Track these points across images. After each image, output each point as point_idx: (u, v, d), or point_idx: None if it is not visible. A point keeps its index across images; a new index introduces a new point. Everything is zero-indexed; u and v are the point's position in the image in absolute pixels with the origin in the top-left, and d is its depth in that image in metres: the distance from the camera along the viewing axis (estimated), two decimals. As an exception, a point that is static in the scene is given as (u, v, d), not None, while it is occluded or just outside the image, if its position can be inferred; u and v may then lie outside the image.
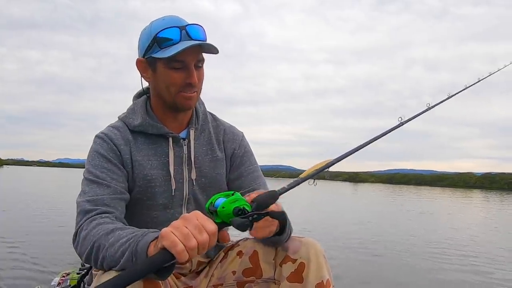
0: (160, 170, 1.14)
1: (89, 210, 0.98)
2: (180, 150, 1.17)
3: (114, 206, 1.02)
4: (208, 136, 1.23)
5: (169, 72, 1.06)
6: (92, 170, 1.06)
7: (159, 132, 1.15)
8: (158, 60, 1.06)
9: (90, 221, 0.95)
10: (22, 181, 21.79)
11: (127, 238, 0.86)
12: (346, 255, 4.62)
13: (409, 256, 4.77)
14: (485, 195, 28.50)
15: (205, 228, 0.75)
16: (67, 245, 4.26)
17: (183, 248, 0.72)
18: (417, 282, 3.58)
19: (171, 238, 0.72)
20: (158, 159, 1.15)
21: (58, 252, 3.92)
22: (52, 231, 5.35)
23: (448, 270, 4.07)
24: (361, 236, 6.16)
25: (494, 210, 14.24)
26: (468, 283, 3.62)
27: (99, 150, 1.09)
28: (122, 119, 1.18)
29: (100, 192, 1.02)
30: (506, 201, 21.39)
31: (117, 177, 1.07)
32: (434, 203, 17.30)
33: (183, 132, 1.20)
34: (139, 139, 1.15)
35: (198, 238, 0.73)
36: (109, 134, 1.12)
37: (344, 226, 7.33)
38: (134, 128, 1.15)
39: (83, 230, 0.95)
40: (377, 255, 4.72)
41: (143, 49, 1.09)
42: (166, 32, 1.04)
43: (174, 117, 1.17)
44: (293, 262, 1.04)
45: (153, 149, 1.15)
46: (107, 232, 0.91)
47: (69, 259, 3.58)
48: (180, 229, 0.74)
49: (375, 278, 3.65)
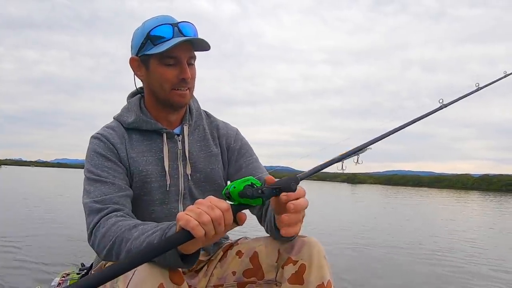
0: (155, 165, 1.15)
1: (101, 209, 0.99)
2: (175, 145, 1.18)
3: (123, 203, 1.04)
4: (202, 132, 1.25)
5: (162, 68, 1.08)
6: (93, 169, 1.07)
7: (153, 128, 1.16)
8: (152, 57, 1.08)
9: (106, 218, 0.97)
10: (20, 181, 21.73)
11: (153, 230, 0.88)
12: (338, 255, 4.63)
13: (405, 257, 4.79)
14: (481, 197, 28.54)
15: (217, 206, 0.77)
16: (67, 245, 4.30)
17: (196, 223, 0.74)
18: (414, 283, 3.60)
19: (185, 217, 0.75)
20: (153, 155, 1.16)
21: (58, 253, 3.92)
22: (52, 231, 5.34)
23: (445, 271, 4.09)
24: (355, 235, 6.18)
25: (490, 211, 14.28)
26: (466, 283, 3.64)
27: (97, 150, 1.10)
28: (116, 118, 1.20)
29: (107, 191, 1.03)
30: (503, 203, 21.45)
31: (118, 175, 1.09)
32: (431, 204, 17.34)
33: (177, 128, 1.21)
34: (134, 136, 1.17)
35: (211, 213, 0.76)
36: (105, 133, 1.14)
37: (338, 227, 7.34)
38: (129, 125, 1.16)
39: (100, 227, 0.96)
40: (370, 254, 4.74)
41: (136, 48, 1.12)
42: (159, 29, 1.07)
43: (168, 114, 1.18)
44: (294, 264, 1.04)
45: (147, 145, 1.16)
46: (130, 227, 0.93)
47: (69, 259, 3.60)
48: (193, 210, 0.77)
49: (371, 279, 3.67)
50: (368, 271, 3.94)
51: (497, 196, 31.64)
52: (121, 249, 0.91)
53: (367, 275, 3.79)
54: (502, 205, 18.47)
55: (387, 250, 5.18)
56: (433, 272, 4.04)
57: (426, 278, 3.77)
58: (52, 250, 4.07)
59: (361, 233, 6.56)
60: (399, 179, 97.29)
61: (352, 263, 4.26)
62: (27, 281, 2.95)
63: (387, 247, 5.40)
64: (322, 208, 11.38)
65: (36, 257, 3.73)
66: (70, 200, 9.77)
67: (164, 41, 1.06)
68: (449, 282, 3.67)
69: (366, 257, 4.65)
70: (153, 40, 1.07)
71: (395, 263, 4.42)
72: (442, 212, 13.03)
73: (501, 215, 12.99)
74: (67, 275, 1.63)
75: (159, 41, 1.07)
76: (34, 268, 3.37)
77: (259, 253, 1.11)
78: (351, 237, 6.09)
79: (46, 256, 3.79)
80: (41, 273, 3.20)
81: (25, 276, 3.12)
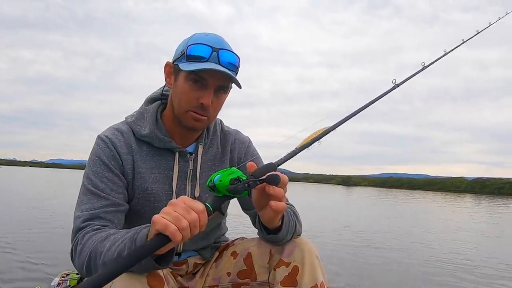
0: (162, 184, 1.11)
1: (82, 227, 0.97)
2: (186, 165, 1.14)
3: (110, 219, 1.00)
4: (216, 150, 1.21)
5: (186, 86, 1.04)
6: (92, 177, 1.04)
7: (166, 146, 1.11)
8: (181, 71, 1.04)
9: (83, 235, 0.95)
10: (17, 181, 21.53)
11: (122, 239, 0.86)
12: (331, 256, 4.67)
13: (395, 257, 4.82)
14: (474, 200, 28.72)
15: (193, 209, 0.77)
16: (67, 245, 4.24)
17: (175, 228, 0.74)
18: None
19: (163, 222, 0.74)
20: (162, 173, 1.11)
21: (58, 253, 3.88)
22: (51, 231, 5.30)
23: (438, 271, 4.14)
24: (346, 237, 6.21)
25: (484, 214, 14.41)
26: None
27: (101, 157, 1.06)
28: (129, 124, 1.14)
29: (97, 205, 1.00)
30: (494, 206, 21.61)
31: (116, 188, 1.05)
32: (424, 206, 17.44)
33: (190, 146, 1.17)
34: (144, 148, 1.12)
35: (188, 217, 0.76)
36: (113, 139, 1.09)
37: (331, 227, 7.38)
38: (140, 137, 1.11)
39: (78, 245, 0.95)
40: (362, 258, 4.78)
41: (175, 55, 1.08)
42: (197, 47, 1.02)
43: (183, 131, 1.13)
44: (286, 266, 1.03)
45: (157, 161, 1.12)
46: (101, 239, 0.90)
47: (69, 259, 3.57)
48: (170, 213, 0.76)
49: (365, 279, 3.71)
50: (366, 272, 3.98)
51: (493, 199, 31.83)
52: (97, 264, 0.89)
53: (363, 275, 3.83)
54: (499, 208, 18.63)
55: (382, 251, 5.22)
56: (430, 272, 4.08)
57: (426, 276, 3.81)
58: (52, 250, 4.04)
59: (356, 234, 6.60)
60: (394, 182, 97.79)
61: (348, 264, 4.29)
62: (27, 281, 2.93)
63: (385, 248, 5.45)
64: (318, 209, 11.40)
65: (36, 257, 3.70)
66: (69, 201, 9.69)
67: (197, 61, 1.01)
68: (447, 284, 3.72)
69: (359, 257, 4.69)
70: (188, 55, 1.03)
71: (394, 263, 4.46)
72: (453, 216, 13.06)
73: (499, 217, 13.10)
74: (67, 275, 1.60)
75: (193, 59, 1.02)
76: (33, 268, 3.35)
77: (252, 254, 1.11)
78: (348, 239, 6.13)
79: (46, 256, 3.76)
80: (40, 273, 3.18)
81: (25, 276, 3.10)
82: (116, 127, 1.12)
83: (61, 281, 1.60)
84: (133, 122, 1.13)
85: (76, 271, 1.65)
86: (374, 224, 8.88)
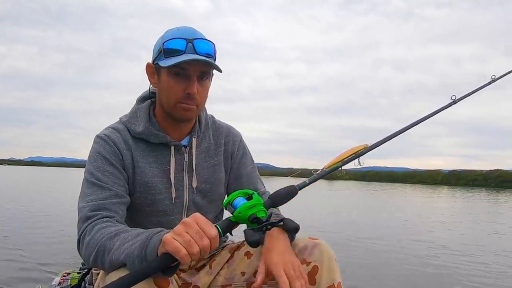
0: (160, 177, 1.14)
1: (90, 216, 0.99)
2: (181, 157, 1.17)
3: (115, 210, 1.03)
4: (208, 142, 1.24)
5: (170, 81, 1.07)
6: (94, 171, 1.06)
7: (161, 141, 1.15)
8: (163, 67, 1.07)
9: (92, 226, 0.97)
10: (12, 181, 20.77)
11: (133, 241, 0.88)
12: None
13: (369, 249, 4.85)
14: (449, 193, 29.52)
15: (206, 233, 0.79)
16: (67, 244, 4.18)
17: (186, 253, 0.76)
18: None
19: (174, 244, 0.77)
20: (159, 167, 1.15)
21: (58, 252, 3.87)
22: (52, 230, 5.26)
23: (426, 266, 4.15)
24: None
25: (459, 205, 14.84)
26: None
27: (102, 152, 1.09)
28: (124, 123, 1.17)
29: (102, 196, 1.02)
30: (462, 198, 22.16)
31: (118, 181, 1.08)
32: (403, 199, 17.87)
33: (184, 139, 1.20)
34: (141, 145, 1.15)
35: (200, 243, 0.77)
36: (111, 136, 1.12)
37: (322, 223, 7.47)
38: (136, 134, 1.15)
39: (86, 235, 0.96)
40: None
41: (153, 55, 1.12)
42: (172, 42, 1.06)
43: (175, 125, 1.17)
44: (307, 265, 1.05)
45: (154, 156, 1.15)
46: (111, 236, 0.92)
47: (70, 258, 3.56)
48: (182, 235, 0.77)
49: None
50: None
51: (465, 192, 32.61)
52: (104, 259, 0.91)
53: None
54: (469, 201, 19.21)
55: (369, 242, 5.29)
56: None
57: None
58: (53, 249, 4.05)
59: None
60: (374, 175, 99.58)
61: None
62: (27, 281, 2.93)
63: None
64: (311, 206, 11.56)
65: (37, 256, 3.72)
66: (69, 200, 9.41)
67: (175, 55, 1.05)
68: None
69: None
70: (165, 52, 1.06)
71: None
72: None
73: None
74: (68, 275, 1.58)
75: (170, 54, 1.05)
76: (34, 267, 3.35)
77: None
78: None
79: (46, 255, 3.78)
80: (41, 272, 3.19)
81: (25, 275, 3.09)
82: (112, 127, 1.17)
83: (62, 280, 1.56)
84: (128, 121, 1.17)
85: (77, 270, 1.70)
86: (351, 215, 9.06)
